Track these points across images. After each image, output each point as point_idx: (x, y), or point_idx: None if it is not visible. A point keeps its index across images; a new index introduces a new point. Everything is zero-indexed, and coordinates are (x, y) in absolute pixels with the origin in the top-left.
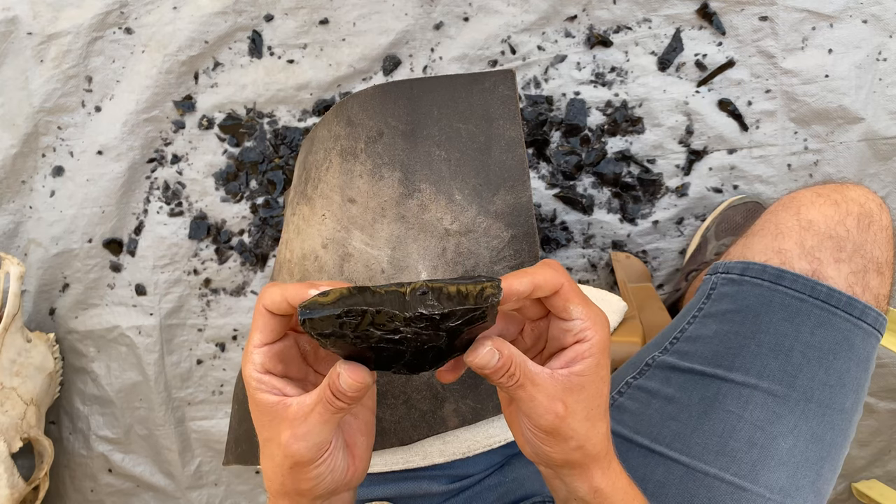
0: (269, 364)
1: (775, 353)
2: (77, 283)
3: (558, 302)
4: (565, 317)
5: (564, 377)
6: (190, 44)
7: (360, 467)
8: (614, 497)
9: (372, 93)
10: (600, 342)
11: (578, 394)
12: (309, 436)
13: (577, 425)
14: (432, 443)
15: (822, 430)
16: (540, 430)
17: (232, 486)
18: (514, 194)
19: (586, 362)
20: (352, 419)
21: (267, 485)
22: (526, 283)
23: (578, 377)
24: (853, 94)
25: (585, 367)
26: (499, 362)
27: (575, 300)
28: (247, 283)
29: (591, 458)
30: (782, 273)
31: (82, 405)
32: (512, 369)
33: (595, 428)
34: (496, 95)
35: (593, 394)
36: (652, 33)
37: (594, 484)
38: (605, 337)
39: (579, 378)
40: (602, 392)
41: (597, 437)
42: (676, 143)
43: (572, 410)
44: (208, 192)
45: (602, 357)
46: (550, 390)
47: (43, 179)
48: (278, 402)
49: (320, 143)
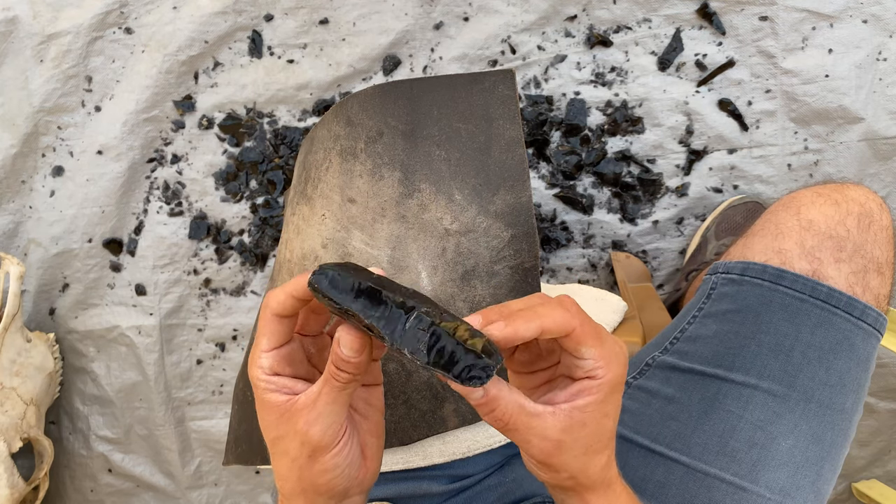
0: (276, 367)
1: (775, 353)
2: (77, 283)
3: (569, 343)
4: (576, 356)
5: (566, 413)
6: (190, 44)
7: (372, 468)
8: None
9: (372, 93)
10: (611, 381)
11: (578, 430)
12: (321, 417)
13: (571, 461)
14: (432, 443)
15: (822, 430)
16: (531, 462)
17: (232, 486)
18: (514, 194)
19: (591, 398)
20: (361, 420)
21: (280, 485)
22: (533, 329)
23: (581, 413)
24: (853, 94)
25: (589, 404)
26: (482, 398)
27: (588, 342)
28: (247, 283)
29: (585, 486)
30: (782, 273)
31: (82, 405)
32: (497, 413)
33: (592, 460)
34: (496, 95)
35: (594, 430)
36: (652, 33)
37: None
38: (617, 374)
39: (581, 414)
40: (605, 427)
41: (593, 468)
42: (676, 143)
43: (568, 447)
44: (208, 191)
45: (611, 394)
46: (547, 431)
47: (43, 179)
48: (287, 399)
49: (320, 143)
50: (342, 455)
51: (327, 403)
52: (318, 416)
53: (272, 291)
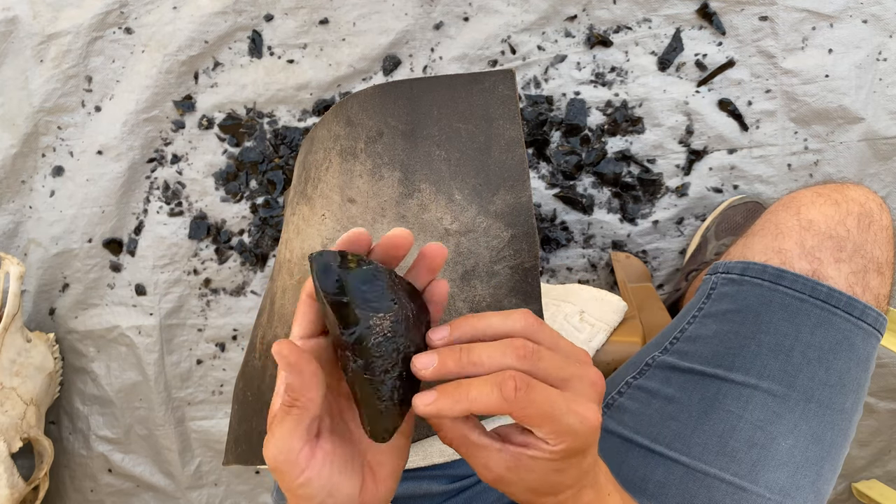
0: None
1: (775, 353)
2: (77, 283)
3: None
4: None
5: (512, 455)
6: (190, 44)
7: (383, 490)
8: None
9: (372, 93)
10: (564, 451)
11: (525, 473)
12: (273, 440)
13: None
14: (432, 443)
15: (822, 430)
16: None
17: (232, 486)
18: (514, 194)
19: (541, 456)
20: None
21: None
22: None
23: (530, 460)
24: (853, 94)
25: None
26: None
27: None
28: (247, 283)
29: None
30: (782, 273)
31: (82, 405)
32: (441, 435)
33: (542, 499)
34: (496, 95)
35: (541, 478)
36: (652, 33)
37: None
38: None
39: (530, 461)
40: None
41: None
42: (676, 143)
43: (512, 482)
44: (208, 191)
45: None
46: (490, 463)
47: (43, 179)
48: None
49: (320, 143)
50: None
51: (278, 426)
52: (271, 437)
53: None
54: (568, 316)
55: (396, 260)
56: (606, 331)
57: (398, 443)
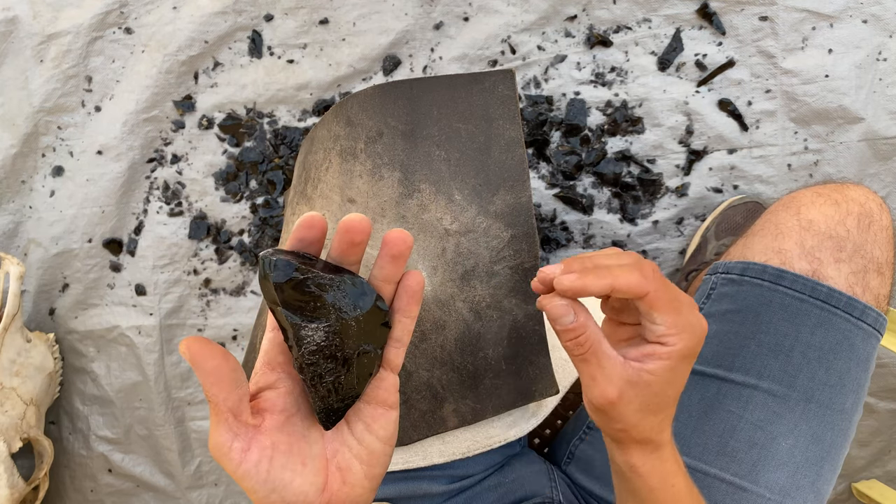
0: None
1: (775, 354)
2: (77, 283)
3: (643, 306)
4: (649, 320)
5: (634, 371)
6: (190, 44)
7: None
8: (650, 479)
9: (372, 93)
10: (681, 351)
11: (642, 388)
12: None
13: (627, 414)
14: (432, 443)
15: (822, 430)
16: (590, 405)
17: (232, 485)
18: (514, 194)
19: (659, 364)
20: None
21: None
22: (602, 287)
23: (648, 374)
24: (853, 94)
25: (657, 368)
26: (571, 324)
27: (661, 308)
28: (247, 284)
29: (634, 440)
30: (782, 273)
31: (82, 405)
32: (581, 339)
33: (646, 419)
34: (496, 95)
35: (657, 391)
36: (652, 33)
37: (630, 461)
38: (688, 346)
39: (649, 376)
40: (667, 392)
41: (646, 425)
42: (676, 143)
43: (627, 400)
44: (208, 191)
45: (679, 364)
46: (613, 377)
47: (43, 179)
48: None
49: (320, 143)
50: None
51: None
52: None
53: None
54: None
55: (356, 247)
56: None
57: (375, 447)
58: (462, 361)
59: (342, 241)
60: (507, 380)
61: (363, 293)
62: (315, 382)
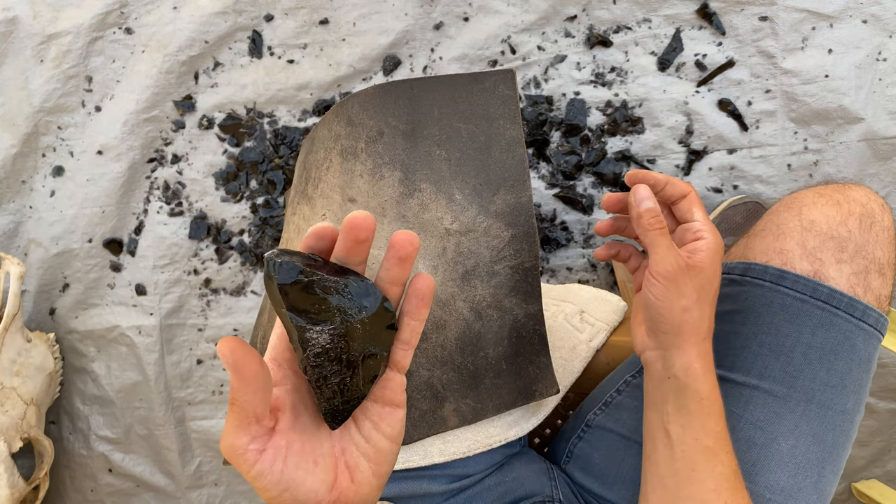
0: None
1: (776, 354)
2: (77, 283)
3: (684, 205)
4: (689, 218)
5: (687, 257)
6: (190, 44)
7: (363, 490)
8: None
9: (372, 92)
10: (715, 243)
11: (697, 272)
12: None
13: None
14: (432, 442)
15: (823, 430)
16: (662, 275)
17: (232, 486)
18: (514, 194)
19: (703, 253)
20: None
21: None
22: (662, 177)
23: (700, 262)
24: (853, 94)
25: (703, 257)
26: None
27: (697, 205)
28: (247, 283)
29: (692, 331)
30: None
31: (82, 405)
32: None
33: (701, 304)
34: (496, 95)
35: (708, 277)
36: (652, 33)
37: (687, 360)
38: (717, 241)
39: (699, 262)
40: (713, 282)
41: (700, 313)
42: (676, 143)
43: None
44: (208, 191)
45: (716, 255)
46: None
47: (43, 179)
48: None
49: (321, 143)
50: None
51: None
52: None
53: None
54: (568, 316)
55: (361, 245)
56: (606, 331)
57: (382, 446)
58: (462, 361)
59: (347, 238)
60: (508, 379)
61: (368, 294)
62: (320, 384)
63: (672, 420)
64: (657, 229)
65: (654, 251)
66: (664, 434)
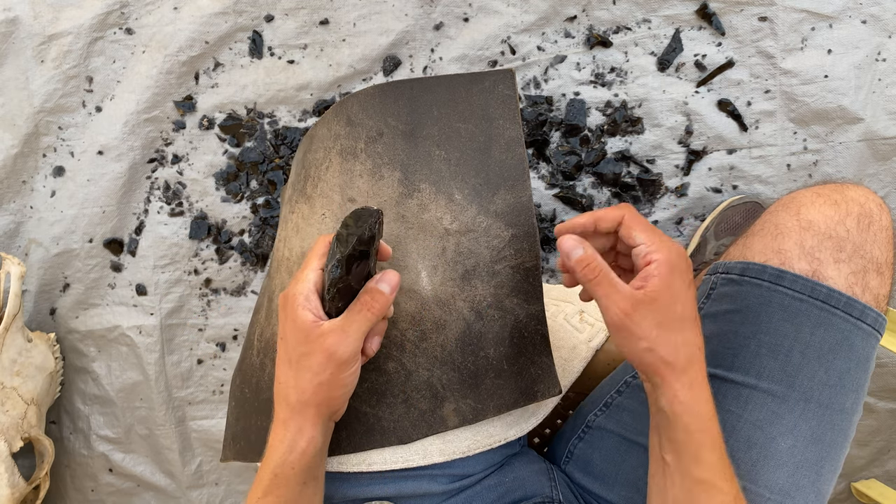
0: (319, 285)
1: (775, 354)
2: (78, 283)
3: (624, 231)
4: (633, 243)
5: (639, 293)
6: (190, 44)
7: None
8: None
9: (372, 92)
10: (668, 260)
11: (649, 305)
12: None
13: (645, 328)
14: (432, 442)
15: (821, 430)
16: (611, 325)
17: (232, 485)
18: (514, 194)
19: (656, 279)
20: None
21: (293, 396)
22: (586, 218)
23: (651, 292)
24: (852, 94)
25: (654, 284)
26: (580, 256)
27: (637, 228)
28: (247, 283)
29: (667, 364)
30: (782, 273)
31: (83, 405)
32: (592, 266)
33: (665, 335)
34: (496, 95)
35: (664, 305)
36: (651, 34)
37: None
38: (672, 256)
39: (651, 292)
40: (674, 308)
41: (668, 344)
42: (676, 144)
43: (641, 315)
44: (209, 192)
45: (671, 276)
46: (624, 293)
47: (44, 179)
48: (314, 321)
49: (320, 142)
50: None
51: (358, 329)
52: (346, 338)
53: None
54: (568, 316)
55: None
56: (606, 331)
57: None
58: (463, 361)
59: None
60: (509, 380)
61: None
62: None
63: (667, 450)
64: (591, 280)
65: (598, 302)
66: (661, 461)
